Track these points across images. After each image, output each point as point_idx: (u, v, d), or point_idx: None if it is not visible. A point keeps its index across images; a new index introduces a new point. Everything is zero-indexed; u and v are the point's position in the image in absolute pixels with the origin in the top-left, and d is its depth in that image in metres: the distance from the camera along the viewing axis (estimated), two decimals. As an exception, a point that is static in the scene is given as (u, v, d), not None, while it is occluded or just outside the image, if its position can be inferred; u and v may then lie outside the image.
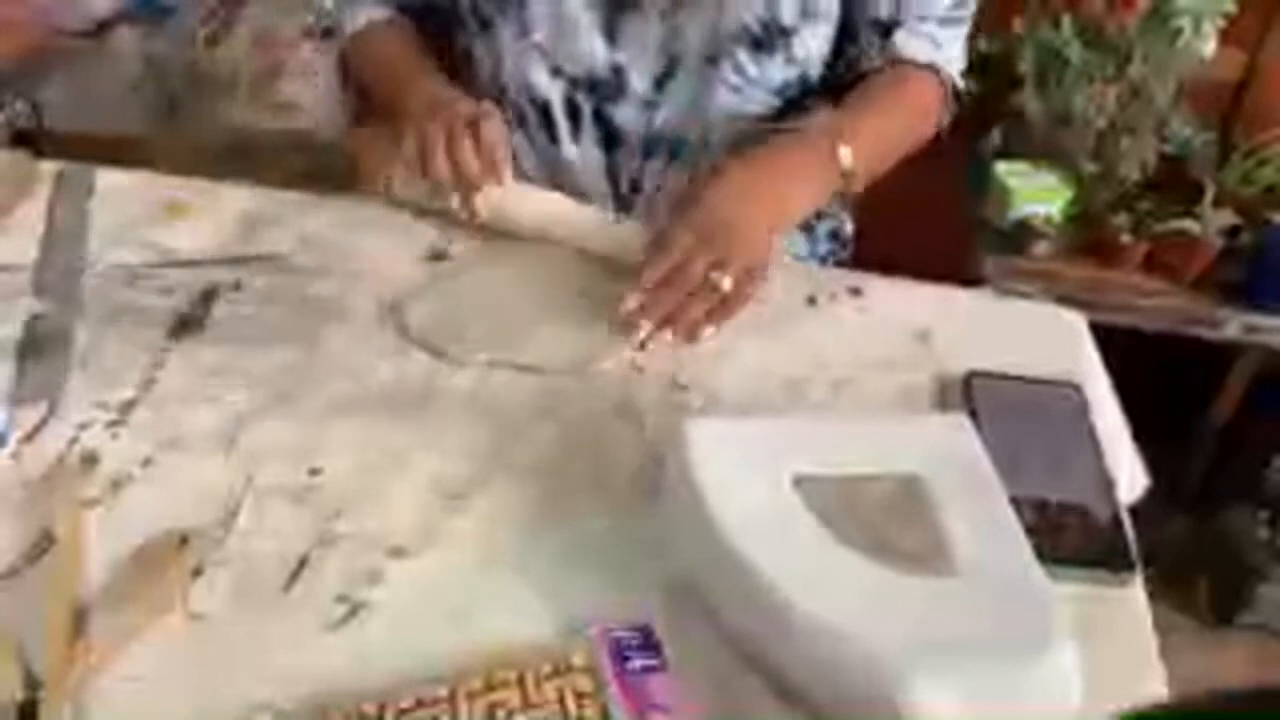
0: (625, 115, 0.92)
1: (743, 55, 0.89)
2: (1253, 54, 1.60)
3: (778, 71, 0.91)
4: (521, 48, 0.91)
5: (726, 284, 0.75)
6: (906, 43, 0.92)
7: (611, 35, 0.89)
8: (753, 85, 0.91)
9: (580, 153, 0.95)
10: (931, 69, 0.93)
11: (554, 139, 0.95)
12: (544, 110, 0.94)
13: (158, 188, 0.91)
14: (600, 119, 0.93)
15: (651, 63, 0.90)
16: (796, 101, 0.94)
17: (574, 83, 0.92)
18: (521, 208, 0.86)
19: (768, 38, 0.89)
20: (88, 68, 1.76)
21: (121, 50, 1.78)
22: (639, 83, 0.91)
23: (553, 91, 0.92)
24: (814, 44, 0.92)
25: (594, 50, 0.90)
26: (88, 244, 0.84)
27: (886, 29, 0.92)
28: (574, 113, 0.93)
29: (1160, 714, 0.32)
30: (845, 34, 0.94)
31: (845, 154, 0.83)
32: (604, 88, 0.91)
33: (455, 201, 0.85)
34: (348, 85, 1.67)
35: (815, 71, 0.94)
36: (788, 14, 0.88)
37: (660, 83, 0.91)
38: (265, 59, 1.80)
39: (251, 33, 1.82)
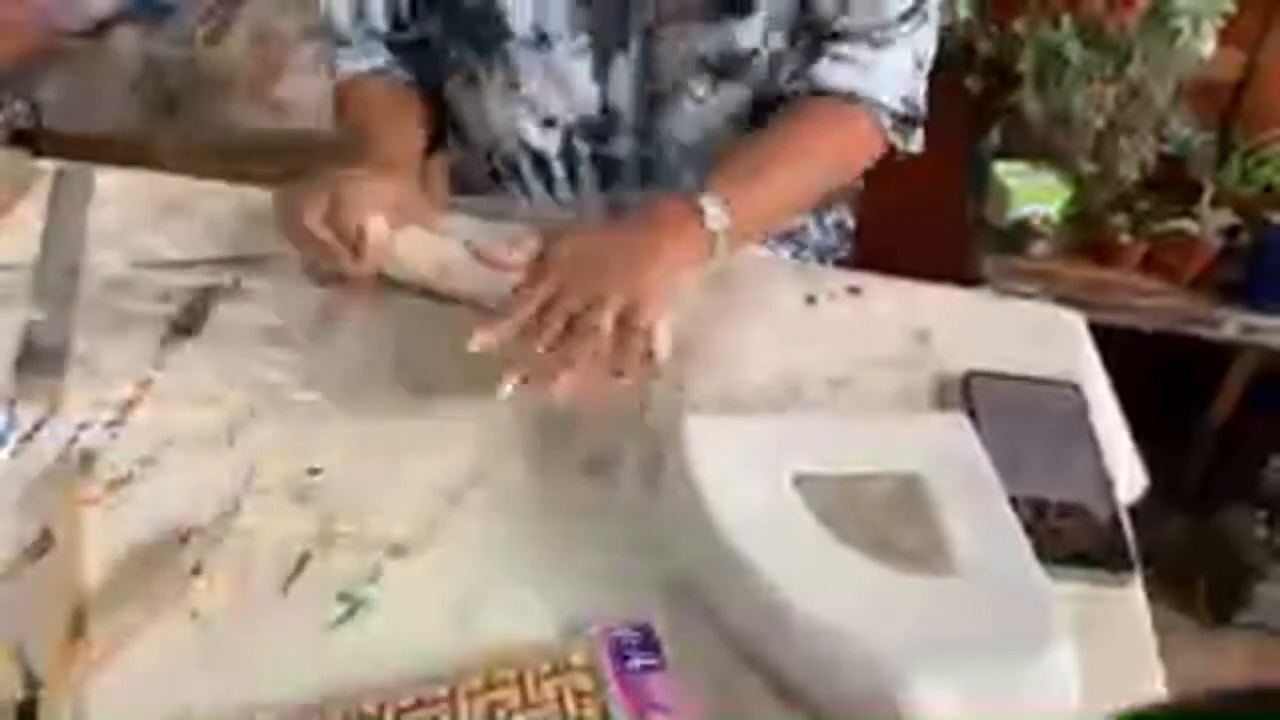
0: (621, 150, 0.92)
1: (697, 84, 0.88)
2: (1253, 54, 1.60)
3: (737, 90, 0.90)
4: (510, 101, 0.90)
5: (607, 322, 0.66)
6: (830, 71, 0.86)
7: (601, 77, 0.88)
8: (713, 113, 0.90)
9: (579, 195, 0.95)
10: (855, 100, 0.86)
11: (550, 186, 0.95)
12: (539, 158, 0.93)
13: (157, 188, 0.91)
14: (597, 158, 0.93)
15: (636, 95, 0.89)
16: (765, 98, 0.91)
17: (569, 130, 0.91)
18: (410, 255, 0.77)
19: (726, 68, 0.87)
20: (88, 68, 1.76)
21: (121, 50, 1.78)
22: (630, 116, 0.91)
23: (547, 141, 0.92)
24: (774, 53, 0.88)
25: (585, 95, 0.89)
26: (87, 244, 0.84)
27: (818, 38, 0.86)
28: (571, 157, 0.93)
29: (1160, 714, 0.32)
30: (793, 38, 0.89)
31: (713, 212, 0.75)
32: (598, 128, 0.91)
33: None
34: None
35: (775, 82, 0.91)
36: (749, 39, 0.86)
37: (648, 111, 0.90)
38: (265, 59, 1.80)
39: (251, 32, 1.82)
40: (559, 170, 0.94)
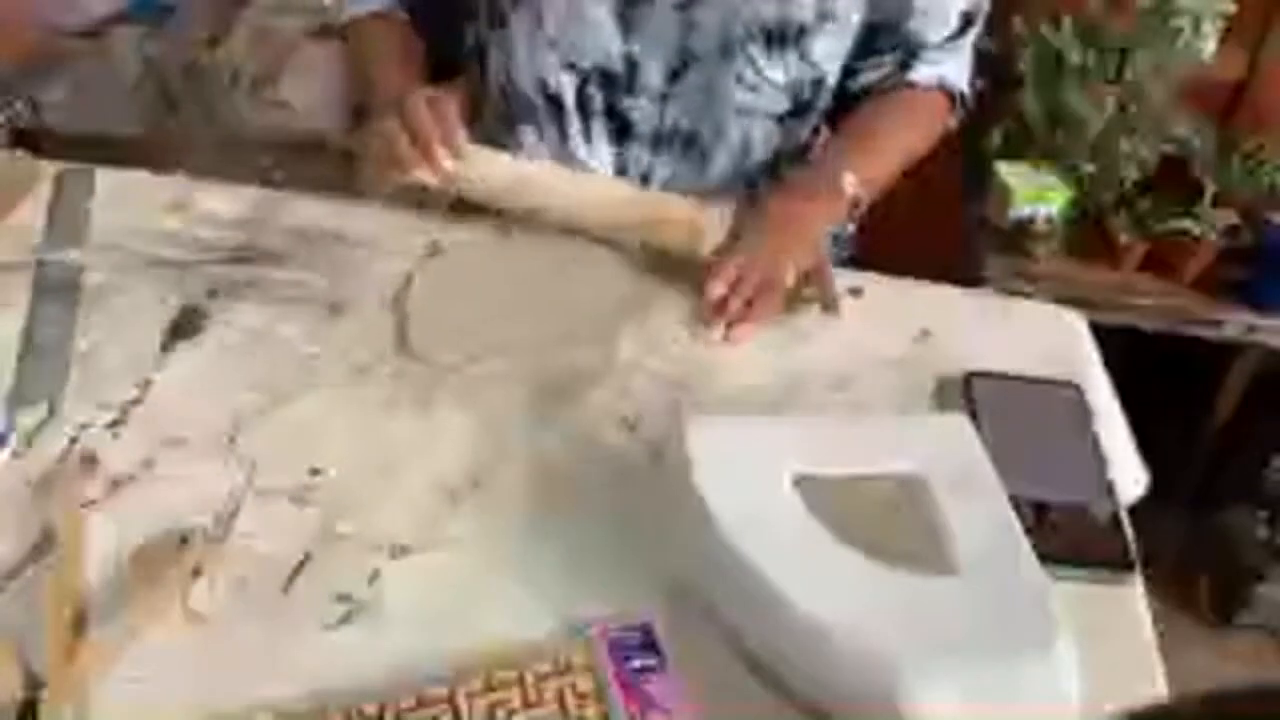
0: (637, 108, 0.92)
1: (756, 51, 0.89)
2: (1253, 54, 1.60)
3: (791, 69, 0.91)
4: (535, 41, 0.91)
5: (789, 279, 0.82)
6: (923, 72, 0.97)
7: (626, 27, 0.89)
8: (765, 82, 0.91)
9: (590, 148, 0.95)
10: (943, 87, 0.98)
11: (564, 134, 0.95)
12: (555, 104, 0.94)
13: (158, 188, 0.91)
14: (612, 113, 0.93)
15: (666, 56, 0.90)
16: (807, 102, 0.94)
17: (586, 76, 0.92)
18: (493, 171, 0.88)
19: (782, 34, 0.89)
20: (88, 68, 1.76)
21: (121, 50, 1.78)
22: (652, 76, 0.91)
23: (565, 85, 0.92)
24: (829, 46, 0.92)
25: (608, 43, 0.90)
26: (88, 244, 0.84)
27: (908, 50, 0.95)
28: (585, 106, 0.93)
29: (1160, 714, 0.32)
30: (865, 43, 0.95)
31: (850, 182, 0.90)
32: (616, 80, 0.91)
33: (427, 175, 0.85)
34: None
35: (828, 72, 0.94)
36: (804, 13, 0.88)
37: (673, 76, 0.91)
38: (265, 59, 1.80)
39: (251, 33, 1.82)
40: (574, 120, 0.94)
